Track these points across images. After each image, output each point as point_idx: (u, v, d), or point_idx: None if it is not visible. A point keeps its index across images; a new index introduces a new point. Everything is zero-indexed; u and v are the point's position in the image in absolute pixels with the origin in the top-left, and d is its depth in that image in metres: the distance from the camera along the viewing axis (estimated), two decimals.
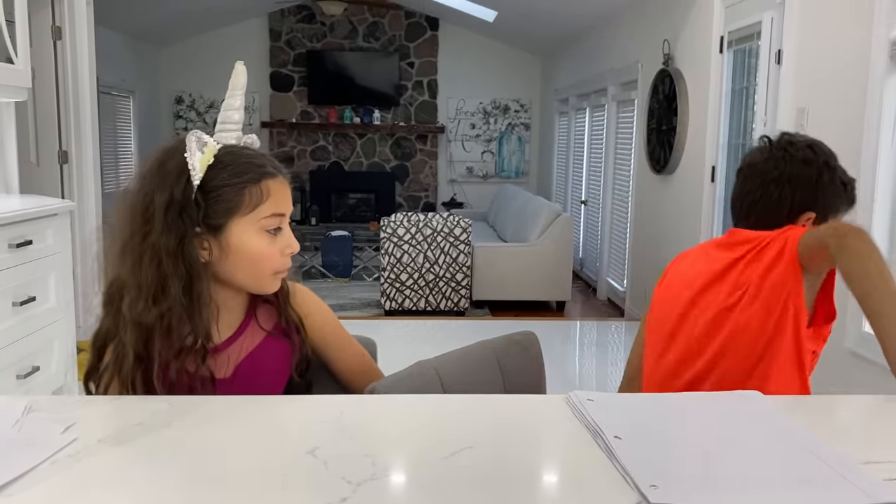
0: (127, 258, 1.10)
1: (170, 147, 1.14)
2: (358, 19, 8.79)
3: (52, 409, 1.02)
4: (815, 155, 1.47)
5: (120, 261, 1.11)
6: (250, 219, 1.13)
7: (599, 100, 6.57)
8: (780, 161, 1.45)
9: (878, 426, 1.07)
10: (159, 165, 1.11)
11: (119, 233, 1.12)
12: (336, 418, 1.01)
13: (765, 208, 1.45)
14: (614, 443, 0.91)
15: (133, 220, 1.10)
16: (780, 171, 1.45)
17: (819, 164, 1.47)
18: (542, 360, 1.40)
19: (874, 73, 2.87)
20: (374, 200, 9.16)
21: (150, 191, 1.10)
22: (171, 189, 1.09)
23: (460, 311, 5.39)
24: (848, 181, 1.51)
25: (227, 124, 1.17)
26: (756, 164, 1.48)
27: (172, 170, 1.10)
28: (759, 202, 1.46)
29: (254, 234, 1.14)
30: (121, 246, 1.11)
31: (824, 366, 3.28)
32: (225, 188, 1.11)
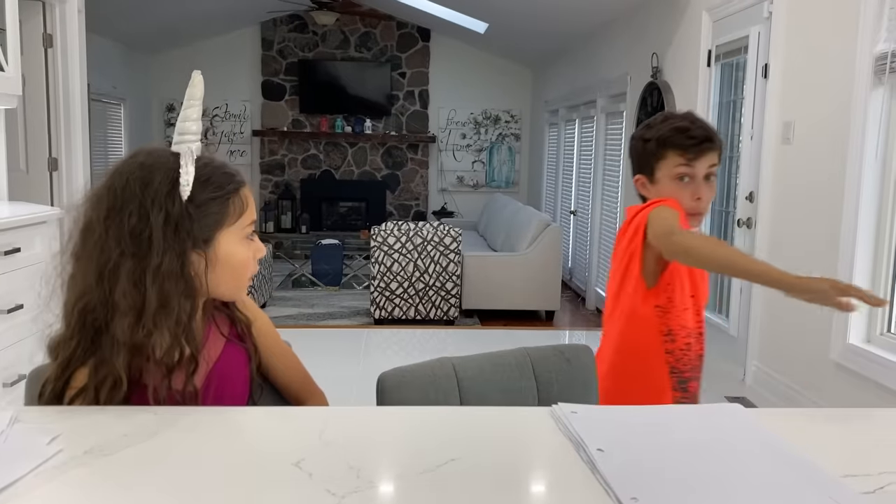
0: (117, 281, 1.05)
1: (145, 163, 1.09)
2: (350, 29, 8.82)
3: (37, 419, 1.02)
4: (638, 131, 1.77)
5: (99, 284, 1.05)
6: (235, 229, 1.14)
7: (589, 111, 6.61)
8: (630, 147, 1.81)
9: (858, 439, 1.08)
10: (143, 184, 1.07)
11: (96, 255, 1.06)
12: (321, 430, 1.01)
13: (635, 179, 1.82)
14: (597, 455, 0.92)
15: (120, 242, 1.06)
16: (630, 150, 1.80)
17: (634, 139, 1.77)
18: (589, 374, 1.39)
19: (859, 87, 2.91)
20: (365, 209, 9.17)
21: (138, 210, 1.06)
22: (165, 207, 1.07)
23: (450, 321, 5.40)
24: (650, 137, 1.70)
25: (185, 135, 1.14)
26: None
27: (162, 187, 1.08)
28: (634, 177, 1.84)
29: (237, 243, 1.15)
30: (102, 269, 1.05)
31: (809, 377, 3.32)
32: (213, 201, 1.12)
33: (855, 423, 1.17)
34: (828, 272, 3.08)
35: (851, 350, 2.93)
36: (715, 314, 4.32)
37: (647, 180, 1.76)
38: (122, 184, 1.08)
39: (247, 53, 8.80)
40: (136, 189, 1.07)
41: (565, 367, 1.38)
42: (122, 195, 1.07)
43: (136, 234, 1.06)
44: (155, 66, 8.71)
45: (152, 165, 1.09)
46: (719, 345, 4.17)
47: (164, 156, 1.12)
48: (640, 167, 1.77)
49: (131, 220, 1.06)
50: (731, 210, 4.16)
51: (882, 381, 2.76)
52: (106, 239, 1.06)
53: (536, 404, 1.08)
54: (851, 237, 2.94)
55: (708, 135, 1.66)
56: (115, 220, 1.07)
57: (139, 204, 1.07)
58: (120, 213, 1.07)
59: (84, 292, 1.06)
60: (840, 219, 3.01)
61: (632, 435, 1.01)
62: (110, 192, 1.08)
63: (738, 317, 3.94)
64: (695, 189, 1.68)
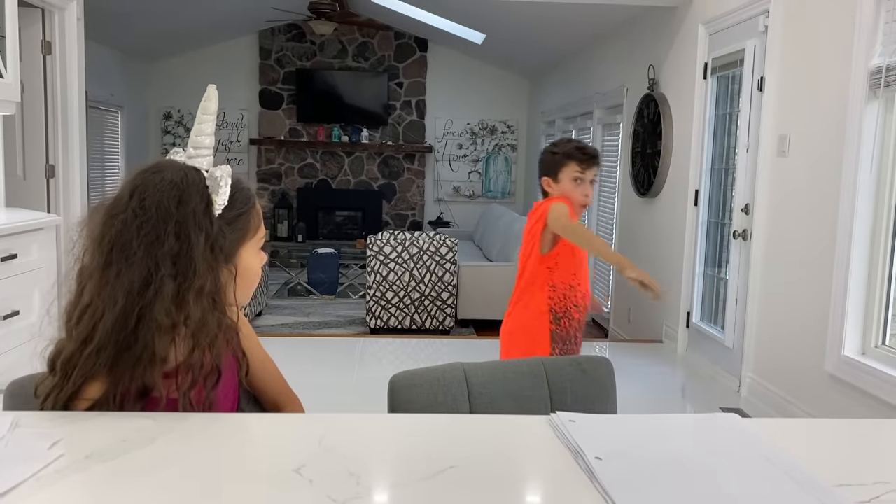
0: (158, 300, 1.05)
1: (175, 181, 1.09)
2: (348, 39, 8.85)
3: (38, 424, 1.02)
4: (548, 148, 2.51)
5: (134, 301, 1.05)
6: (253, 242, 1.18)
7: (585, 122, 6.64)
8: (540, 159, 2.51)
9: (852, 449, 1.09)
10: (178, 203, 1.07)
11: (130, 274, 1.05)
12: (321, 437, 1.02)
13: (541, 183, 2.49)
14: (595, 464, 0.92)
15: (159, 261, 1.05)
16: (540, 161, 2.51)
17: (545, 152, 2.50)
18: (606, 386, 1.40)
19: (854, 101, 2.93)
20: (361, 218, 9.17)
21: (175, 230, 1.06)
22: (204, 227, 1.08)
23: (445, 330, 5.40)
24: (557, 151, 2.45)
25: (200, 149, 1.15)
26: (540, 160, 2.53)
27: (198, 206, 1.08)
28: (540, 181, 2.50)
29: (254, 255, 1.19)
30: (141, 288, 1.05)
31: (804, 388, 3.33)
32: (239, 217, 1.15)
33: (849, 433, 1.18)
34: (823, 284, 3.10)
35: (846, 362, 2.94)
36: (710, 326, 4.33)
37: (551, 181, 2.44)
38: (156, 202, 1.07)
39: (245, 62, 8.82)
40: (171, 208, 1.07)
41: (580, 378, 1.38)
42: (157, 214, 1.07)
43: (175, 253, 1.06)
44: (153, 74, 8.72)
45: (185, 184, 1.09)
46: (715, 356, 4.18)
47: (191, 173, 1.11)
48: (548, 172, 2.46)
49: (170, 240, 1.06)
50: (727, 222, 4.18)
51: (876, 393, 2.77)
52: (144, 258, 1.05)
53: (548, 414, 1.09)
54: (846, 249, 2.95)
55: (595, 154, 2.46)
56: (152, 238, 1.06)
57: (177, 223, 1.06)
58: (156, 231, 1.06)
59: (117, 309, 1.05)
60: (835, 231, 3.03)
61: (629, 444, 1.01)
62: (144, 210, 1.07)
63: (733, 328, 3.95)
64: (584, 188, 2.42)
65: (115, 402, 1.06)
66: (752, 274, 3.72)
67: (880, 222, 2.90)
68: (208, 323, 1.09)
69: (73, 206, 4.49)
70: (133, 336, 1.06)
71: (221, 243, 1.11)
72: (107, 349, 1.05)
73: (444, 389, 1.31)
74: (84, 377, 1.06)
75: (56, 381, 1.07)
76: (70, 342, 1.07)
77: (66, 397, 1.06)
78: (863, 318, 2.96)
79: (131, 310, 1.05)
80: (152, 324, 1.05)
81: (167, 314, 1.05)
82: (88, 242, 1.10)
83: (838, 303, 2.99)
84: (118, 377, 1.06)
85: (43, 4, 4.14)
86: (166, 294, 1.05)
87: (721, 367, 4.06)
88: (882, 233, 2.90)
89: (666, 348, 4.71)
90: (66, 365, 1.06)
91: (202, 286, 1.07)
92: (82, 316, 1.07)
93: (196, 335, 1.08)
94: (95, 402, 1.07)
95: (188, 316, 1.07)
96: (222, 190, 1.11)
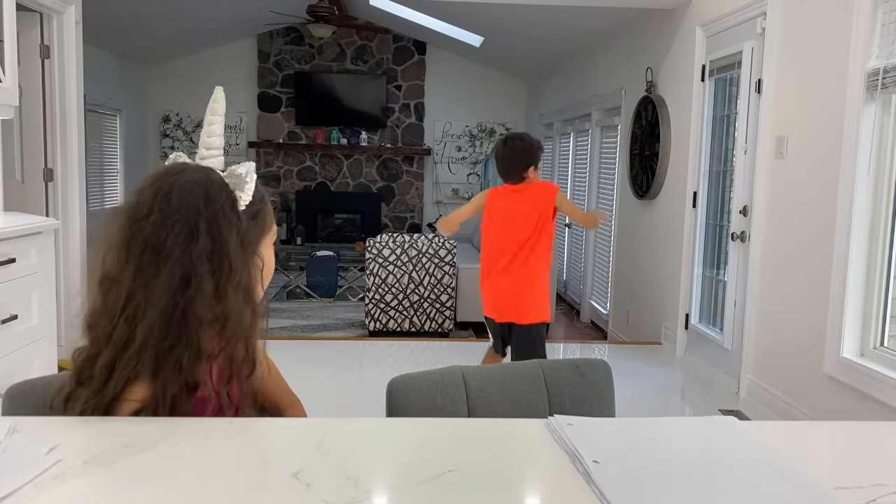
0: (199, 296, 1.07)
1: (199, 180, 1.11)
2: (346, 42, 8.86)
3: (36, 429, 1.02)
4: (528, 140, 3.22)
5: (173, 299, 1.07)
6: (270, 237, 1.22)
7: (584, 125, 6.64)
8: (518, 148, 3.18)
9: (850, 451, 1.09)
10: (206, 201, 1.09)
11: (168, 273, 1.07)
12: (319, 441, 1.02)
13: (517, 170, 3.17)
14: (592, 467, 0.92)
15: (195, 259, 1.07)
16: (519, 152, 3.18)
17: (529, 143, 3.20)
18: (605, 389, 1.40)
19: (851, 102, 2.94)
20: (360, 221, 9.18)
21: (208, 228, 1.08)
22: (235, 223, 1.11)
23: (444, 333, 5.40)
24: (538, 144, 3.26)
25: (211, 150, 1.17)
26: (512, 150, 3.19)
27: (225, 203, 1.11)
28: (514, 169, 3.18)
29: (269, 249, 1.23)
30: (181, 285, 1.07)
31: (803, 390, 3.33)
32: (260, 212, 1.19)
33: (848, 435, 1.18)
34: (821, 285, 3.10)
35: (845, 363, 2.95)
36: (709, 327, 4.34)
37: (534, 169, 3.18)
38: (184, 202, 1.09)
39: (243, 65, 8.83)
40: (200, 206, 1.09)
41: (579, 381, 1.39)
42: (187, 213, 1.08)
43: (210, 250, 1.08)
44: (151, 77, 8.73)
45: (209, 182, 1.12)
46: (713, 358, 4.18)
47: (211, 172, 1.14)
48: (534, 162, 3.18)
49: (203, 238, 1.08)
50: (725, 224, 4.19)
51: (875, 395, 2.77)
52: (181, 257, 1.07)
53: (547, 417, 1.09)
54: (844, 250, 2.96)
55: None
56: (185, 237, 1.07)
57: (207, 221, 1.08)
58: (188, 230, 1.08)
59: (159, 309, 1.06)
60: (833, 232, 3.03)
61: (627, 447, 1.01)
62: (174, 210, 1.08)
63: (732, 330, 3.96)
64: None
65: (164, 401, 1.06)
66: (750, 275, 3.73)
67: (878, 223, 2.91)
68: (244, 316, 1.12)
69: (71, 210, 4.49)
70: (177, 334, 1.07)
71: (249, 238, 1.14)
72: (148, 350, 1.06)
73: (443, 393, 1.31)
74: (126, 379, 1.06)
75: (94, 387, 1.07)
76: (106, 347, 1.07)
77: (107, 402, 1.06)
78: (861, 320, 2.96)
79: (173, 308, 1.07)
80: (195, 320, 1.07)
81: (209, 309, 1.08)
82: (110, 248, 1.10)
83: (837, 304, 2.99)
84: (166, 376, 1.07)
85: (41, 8, 4.14)
86: (206, 290, 1.08)
87: (720, 369, 4.07)
88: (880, 234, 2.90)
89: (665, 350, 4.71)
90: (104, 370, 1.06)
91: (239, 280, 1.11)
92: (116, 320, 1.07)
93: (234, 328, 1.11)
94: (142, 404, 1.07)
95: (229, 310, 1.10)
96: (248, 186, 1.14)
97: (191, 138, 8.84)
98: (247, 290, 1.13)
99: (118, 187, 8.00)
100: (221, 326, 1.10)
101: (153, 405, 1.07)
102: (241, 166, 1.16)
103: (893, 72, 2.73)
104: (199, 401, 1.10)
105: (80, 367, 1.09)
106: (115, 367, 1.06)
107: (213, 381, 1.10)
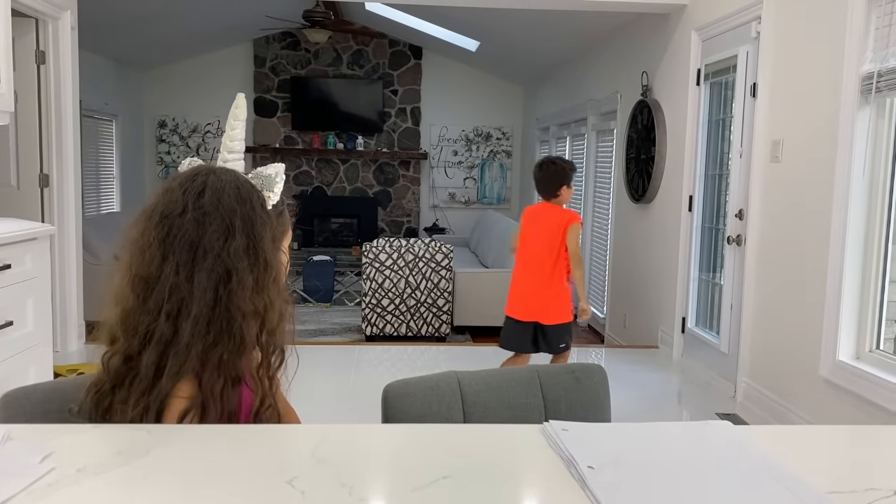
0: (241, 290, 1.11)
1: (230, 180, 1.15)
2: (342, 47, 8.87)
3: (30, 437, 1.02)
4: (560, 164, 3.68)
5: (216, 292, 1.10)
6: (286, 239, 1.26)
7: (579, 129, 6.65)
8: (552, 171, 3.62)
9: (844, 456, 1.09)
10: (239, 200, 1.13)
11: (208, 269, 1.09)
12: (314, 447, 1.02)
13: (551, 189, 3.61)
14: (587, 472, 0.92)
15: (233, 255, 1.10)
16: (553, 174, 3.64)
17: (561, 167, 3.64)
18: (600, 394, 1.40)
19: (846, 106, 2.94)
20: (357, 225, 9.18)
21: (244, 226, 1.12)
22: (266, 221, 1.16)
23: (441, 337, 5.40)
24: (570, 166, 3.69)
25: (233, 153, 1.23)
26: (546, 172, 3.64)
27: (256, 202, 1.16)
28: (549, 188, 3.62)
29: (285, 252, 1.26)
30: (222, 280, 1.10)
31: (799, 393, 3.33)
32: (282, 214, 1.23)
33: (842, 439, 1.18)
34: (817, 289, 3.11)
35: (840, 367, 2.95)
36: (706, 331, 4.34)
37: (566, 189, 3.63)
38: (219, 201, 1.12)
39: (239, 70, 8.83)
40: (234, 205, 1.13)
41: (574, 386, 1.39)
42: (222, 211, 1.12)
43: (246, 247, 1.12)
44: (147, 82, 8.73)
45: (239, 182, 1.16)
46: (710, 361, 4.18)
47: (239, 174, 1.19)
48: (566, 182, 3.62)
49: (239, 235, 1.11)
50: (720, 227, 4.19)
51: (870, 398, 2.77)
52: (221, 253, 1.10)
53: (542, 422, 1.09)
54: (840, 253, 2.96)
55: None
56: (223, 234, 1.11)
57: (242, 219, 1.12)
58: (225, 227, 1.11)
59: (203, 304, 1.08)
60: (829, 235, 3.04)
61: (622, 452, 1.01)
62: (210, 209, 1.11)
63: (728, 334, 3.96)
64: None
65: (213, 396, 1.08)
66: (746, 279, 3.73)
67: (873, 226, 2.91)
68: (279, 308, 1.16)
69: (67, 215, 4.48)
70: (220, 328, 1.09)
71: (277, 235, 1.19)
72: (194, 345, 1.07)
73: (439, 398, 1.31)
74: (177, 374, 1.07)
75: (142, 386, 1.07)
76: (149, 346, 1.08)
77: (161, 399, 1.07)
78: (857, 323, 2.96)
79: (216, 303, 1.09)
80: (238, 313, 1.10)
81: (251, 301, 1.11)
82: (142, 248, 1.11)
83: (832, 307, 3.00)
84: (211, 371, 1.08)
85: (37, 14, 4.14)
86: (247, 284, 1.11)
87: (716, 373, 4.07)
88: (875, 237, 2.91)
89: (661, 354, 4.72)
90: (150, 368, 1.07)
91: (276, 275, 1.15)
92: (157, 317, 1.08)
93: (274, 320, 1.14)
94: (190, 400, 1.08)
95: (269, 302, 1.13)
96: (277, 187, 1.20)
97: (186, 143, 8.84)
98: (280, 284, 1.17)
99: (114, 193, 7.99)
100: (262, 319, 1.14)
101: (203, 401, 1.08)
102: (269, 167, 1.22)
103: (888, 75, 2.74)
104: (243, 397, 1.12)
105: (114, 370, 1.09)
106: (163, 365, 1.07)
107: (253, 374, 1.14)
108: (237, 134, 1.24)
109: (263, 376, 1.15)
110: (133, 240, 1.13)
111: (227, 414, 1.09)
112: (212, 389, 1.08)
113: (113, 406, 1.09)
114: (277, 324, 1.16)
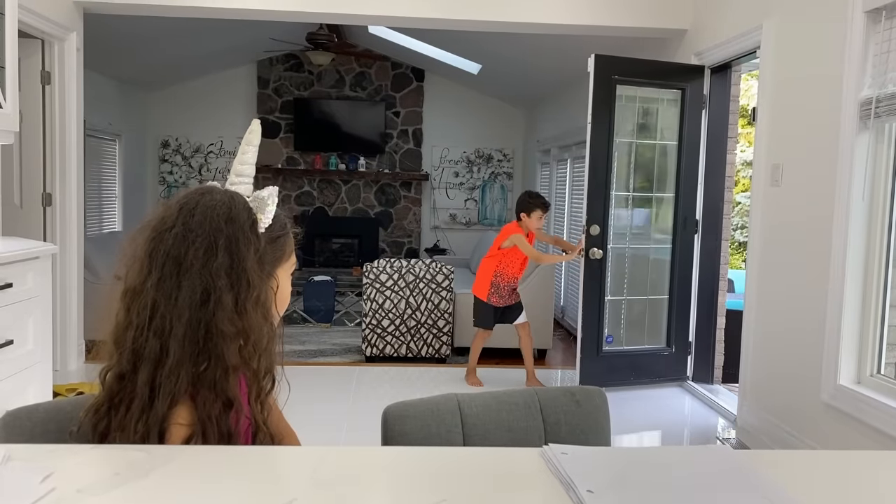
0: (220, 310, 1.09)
1: (224, 201, 1.15)
2: (345, 69, 8.94)
3: (30, 457, 1.01)
4: (521, 196, 4.52)
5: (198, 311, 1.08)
6: (288, 265, 1.25)
7: (581, 151, 6.67)
8: (518, 199, 4.56)
9: (845, 482, 1.09)
10: (228, 220, 1.13)
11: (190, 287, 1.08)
12: (314, 469, 1.01)
13: (517, 212, 4.54)
14: (586, 496, 0.92)
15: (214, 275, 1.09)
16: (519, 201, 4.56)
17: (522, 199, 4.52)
18: (600, 417, 1.40)
19: (845, 131, 2.96)
20: (358, 246, 9.19)
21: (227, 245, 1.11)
22: (253, 242, 1.15)
23: (442, 358, 5.38)
24: (524, 198, 4.50)
25: (242, 177, 1.24)
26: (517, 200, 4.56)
27: (245, 223, 1.15)
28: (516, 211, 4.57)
29: (287, 278, 1.25)
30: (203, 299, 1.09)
31: (800, 418, 3.31)
32: (280, 238, 1.22)
33: (843, 464, 1.18)
34: (817, 312, 3.11)
35: (842, 391, 2.94)
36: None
37: (525, 216, 4.43)
38: (207, 218, 1.13)
39: (242, 91, 8.89)
40: (221, 224, 1.13)
41: (574, 409, 1.38)
42: (208, 229, 1.12)
43: (228, 266, 1.11)
44: (150, 102, 8.78)
45: (232, 203, 1.16)
46: (711, 384, 4.17)
47: (236, 195, 1.19)
48: (522, 209, 4.46)
49: (221, 254, 1.11)
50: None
51: (872, 423, 2.76)
52: (200, 270, 1.09)
53: (542, 445, 1.09)
54: (840, 278, 2.97)
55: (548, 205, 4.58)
56: (205, 252, 1.11)
57: (227, 238, 1.12)
58: (208, 245, 1.11)
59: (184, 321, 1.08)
60: (829, 260, 3.04)
61: (622, 476, 1.01)
62: (196, 225, 1.12)
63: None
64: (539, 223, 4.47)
65: (210, 422, 1.07)
66: (746, 302, 3.73)
67: (873, 251, 2.92)
68: (264, 332, 1.14)
69: (69, 234, 4.49)
70: (204, 349, 1.08)
71: (266, 259, 1.18)
72: (184, 364, 1.07)
73: (438, 420, 1.31)
74: (170, 397, 1.06)
75: (139, 405, 1.06)
76: (141, 363, 1.07)
77: (159, 420, 1.06)
78: (857, 347, 2.96)
79: (198, 322, 1.08)
80: (218, 334, 1.09)
81: (231, 323, 1.10)
82: (133, 261, 1.12)
83: (833, 331, 3.00)
84: (205, 396, 1.08)
85: (43, 35, 4.18)
86: (226, 304, 1.10)
87: (717, 396, 4.05)
88: (875, 261, 2.92)
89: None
90: (145, 387, 1.06)
91: (258, 296, 1.13)
92: (145, 333, 1.08)
93: (255, 343, 1.13)
94: (191, 428, 1.07)
95: (250, 325, 1.12)
96: (269, 209, 1.19)
97: (189, 163, 8.88)
98: (265, 306, 1.15)
99: (117, 212, 8.01)
100: (244, 341, 1.12)
101: (202, 429, 1.07)
102: (264, 190, 1.21)
103: (886, 101, 2.76)
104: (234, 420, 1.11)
105: (110, 387, 1.09)
106: (156, 385, 1.06)
107: (244, 397, 1.12)
108: (248, 158, 1.26)
109: (254, 401, 1.14)
110: (128, 253, 1.14)
111: (225, 436, 1.09)
112: (209, 413, 1.08)
113: (111, 431, 1.08)
114: (266, 346, 1.15)
